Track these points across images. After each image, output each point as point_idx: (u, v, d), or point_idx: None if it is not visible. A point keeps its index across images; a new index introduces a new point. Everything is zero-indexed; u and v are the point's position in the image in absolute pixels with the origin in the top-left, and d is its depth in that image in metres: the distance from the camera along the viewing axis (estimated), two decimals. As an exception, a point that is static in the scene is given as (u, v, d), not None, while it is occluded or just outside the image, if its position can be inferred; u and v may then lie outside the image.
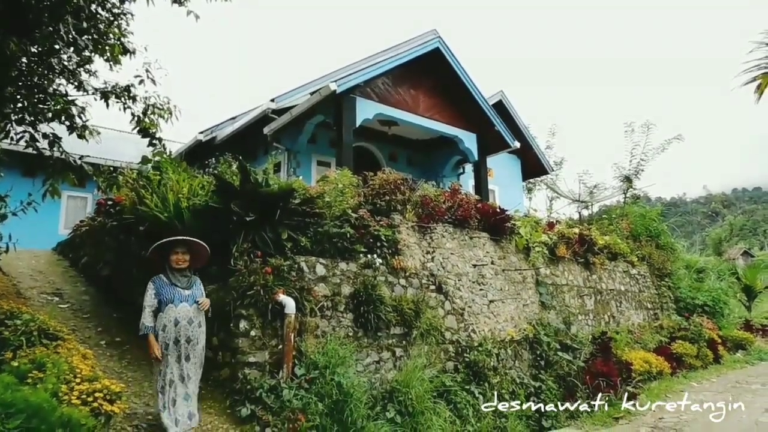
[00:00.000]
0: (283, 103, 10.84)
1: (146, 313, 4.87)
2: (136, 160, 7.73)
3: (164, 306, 4.90)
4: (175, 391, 4.80)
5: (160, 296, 4.93)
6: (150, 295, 4.93)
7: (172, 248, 5.15)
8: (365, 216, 7.61)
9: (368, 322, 6.87)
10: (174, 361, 4.84)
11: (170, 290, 4.97)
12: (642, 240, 15.94)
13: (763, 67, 7.46)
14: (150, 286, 4.98)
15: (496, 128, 13.63)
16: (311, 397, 5.64)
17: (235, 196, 6.39)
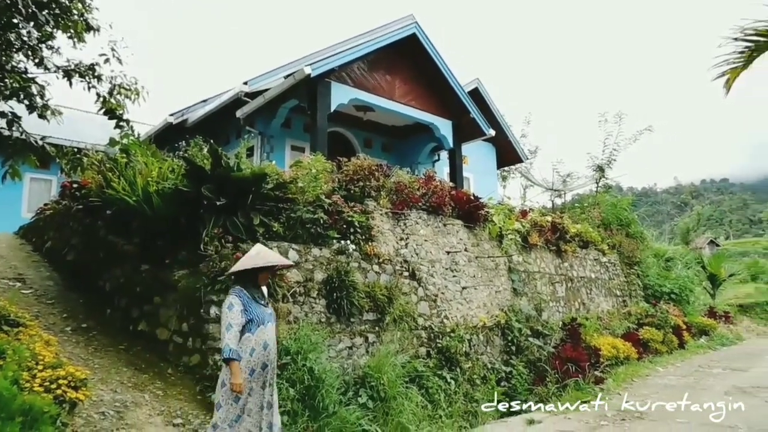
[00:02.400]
0: (256, 87, 10.65)
1: (233, 334, 4.08)
2: (103, 142, 7.54)
3: (255, 327, 4.21)
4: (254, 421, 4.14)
5: (250, 314, 4.22)
6: (237, 312, 4.15)
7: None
8: (339, 202, 7.55)
9: (341, 308, 6.85)
10: (259, 388, 4.19)
11: (257, 308, 4.28)
12: (613, 229, 16.19)
13: (732, 62, 7.53)
14: (234, 300, 4.21)
15: (471, 116, 13.61)
16: (283, 382, 5.59)
17: (206, 181, 6.26)
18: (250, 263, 4.39)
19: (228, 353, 3.98)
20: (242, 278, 4.40)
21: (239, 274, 4.40)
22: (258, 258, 4.45)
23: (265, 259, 4.49)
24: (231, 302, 4.19)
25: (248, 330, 4.17)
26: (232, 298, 4.21)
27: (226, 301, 4.23)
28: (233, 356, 3.99)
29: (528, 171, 22.60)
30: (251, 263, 4.39)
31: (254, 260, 4.42)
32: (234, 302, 4.18)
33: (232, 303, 4.18)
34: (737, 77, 7.68)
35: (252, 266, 4.37)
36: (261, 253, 4.58)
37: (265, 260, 4.48)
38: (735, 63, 7.55)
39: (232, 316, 4.13)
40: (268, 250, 4.84)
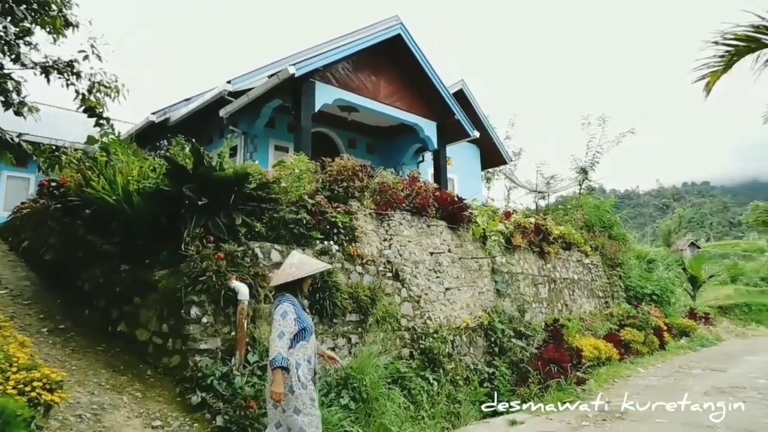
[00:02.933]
0: (240, 86, 10.57)
1: (285, 342, 4.03)
2: (83, 140, 7.42)
3: (308, 334, 4.24)
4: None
5: (303, 323, 4.21)
6: (291, 320, 4.11)
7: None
8: (322, 202, 7.51)
9: (324, 309, 6.81)
10: (310, 404, 4.14)
11: (306, 316, 4.33)
12: (596, 230, 16.31)
13: (712, 65, 7.62)
14: (289, 308, 4.16)
15: (456, 117, 13.64)
16: (264, 384, 5.53)
17: (187, 180, 6.20)
18: (298, 273, 4.37)
19: (281, 361, 3.95)
20: (288, 287, 4.36)
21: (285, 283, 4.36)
22: (303, 267, 4.44)
23: (311, 268, 4.51)
24: (285, 310, 4.15)
25: (302, 338, 4.18)
26: (287, 306, 4.18)
27: (279, 308, 4.18)
28: (284, 364, 3.97)
29: (512, 173, 22.73)
30: (299, 273, 4.37)
31: (300, 269, 4.40)
32: (288, 310, 4.15)
33: (286, 311, 4.15)
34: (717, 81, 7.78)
35: (301, 276, 4.36)
36: (304, 261, 4.58)
37: (311, 268, 4.52)
38: (715, 67, 7.64)
39: (286, 324, 4.09)
40: (308, 258, 4.88)
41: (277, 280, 4.41)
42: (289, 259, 4.56)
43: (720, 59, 7.49)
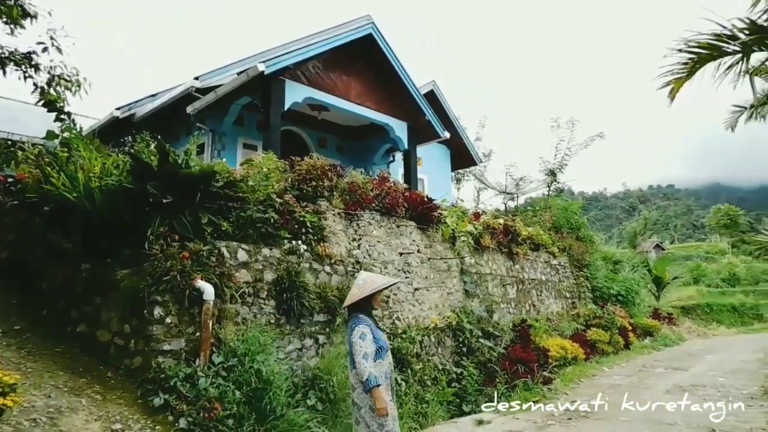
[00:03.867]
0: (207, 82, 10.39)
1: (371, 363, 4.23)
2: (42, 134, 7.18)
3: (384, 352, 4.44)
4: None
5: (379, 341, 4.40)
6: (369, 340, 4.31)
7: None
8: (291, 201, 7.43)
9: (291, 309, 6.76)
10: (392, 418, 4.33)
11: (381, 334, 4.51)
12: (563, 232, 16.54)
13: (676, 72, 7.77)
14: (365, 329, 4.35)
15: (426, 117, 13.67)
16: (229, 385, 5.48)
17: (152, 177, 6.05)
18: (362, 293, 4.53)
19: (374, 381, 4.14)
20: (359, 307, 4.54)
21: (356, 303, 4.54)
22: (367, 286, 4.59)
23: (375, 285, 4.64)
24: (363, 332, 4.33)
25: (379, 356, 4.36)
26: (363, 327, 4.35)
27: (356, 331, 4.34)
28: (379, 382, 4.18)
29: (482, 174, 22.93)
30: (364, 292, 4.53)
31: (364, 289, 4.56)
32: (365, 332, 4.33)
33: (364, 333, 4.32)
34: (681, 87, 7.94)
35: (368, 293, 4.53)
36: (368, 279, 4.73)
37: (375, 285, 4.64)
38: (679, 73, 7.80)
39: (366, 345, 4.27)
40: (373, 275, 5.11)
41: (349, 301, 4.59)
42: (357, 278, 4.75)
43: (683, 66, 7.65)
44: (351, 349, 4.37)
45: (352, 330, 4.39)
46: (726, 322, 27.70)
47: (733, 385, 9.48)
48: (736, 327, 27.21)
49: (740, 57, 7.36)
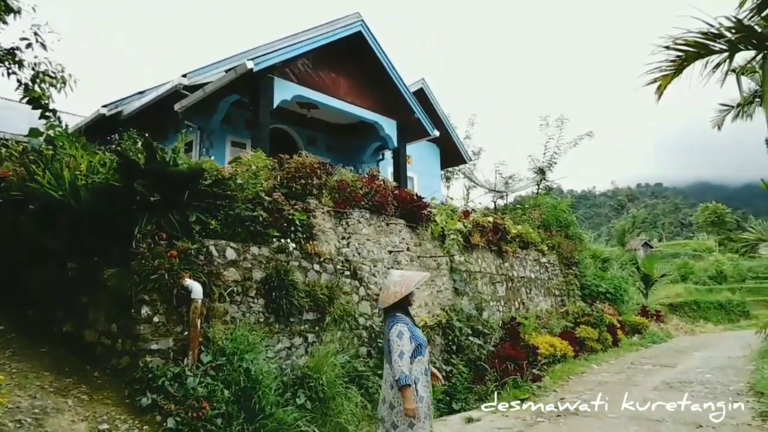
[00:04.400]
0: (196, 79, 10.31)
1: (406, 361, 4.21)
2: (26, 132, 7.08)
3: (423, 349, 4.44)
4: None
5: (417, 339, 4.40)
6: (407, 339, 4.30)
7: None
8: (279, 199, 7.40)
9: (280, 308, 6.73)
10: (424, 416, 4.32)
11: (418, 331, 4.51)
12: (552, 230, 16.60)
13: (664, 69, 7.81)
14: (403, 328, 4.35)
15: (416, 116, 13.66)
16: (218, 384, 5.45)
17: (139, 175, 5.99)
18: (404, 290, 4.51)
19: (405, 380, 4.13)
20: (396, 306, 4.50)
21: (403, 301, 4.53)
22: (407, 282, 4.57)
23: (413, 282, 4.64)
24: (401, 330, 4.32)
25: (419, 353, 4.36)
26: (401, 326, 4.34)
27: (393, 329, 4.33)
28: (409, 382, 4.16)
29: (471, 172, 22.93)
30: (405, 290, 4.51)
31: (405, 286, 4.53)
32: (403, 330, 4.32)
33: (401, 331, 4.32)
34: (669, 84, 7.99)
35: (407, 293, 4.52)
36: (404, 277, 4.71)
37: (414, 282, 4.64)
38: (666, 71, 7.84)
39: (403, 343, 4.26)
40: (407, 272, 5.15)
41: (386, 302, 4.53)
42: (391, 278, 4.69)
43: (671, 63, 7.69)
44: (388, 347, 4.37)
45: (390, 328, 4.39)
46: (713, 319, 27.97)
47: (720, 382, 9.56)
48: (723, 324, 27.49)
49: (727, 56, 7.42)
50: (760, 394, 8.06)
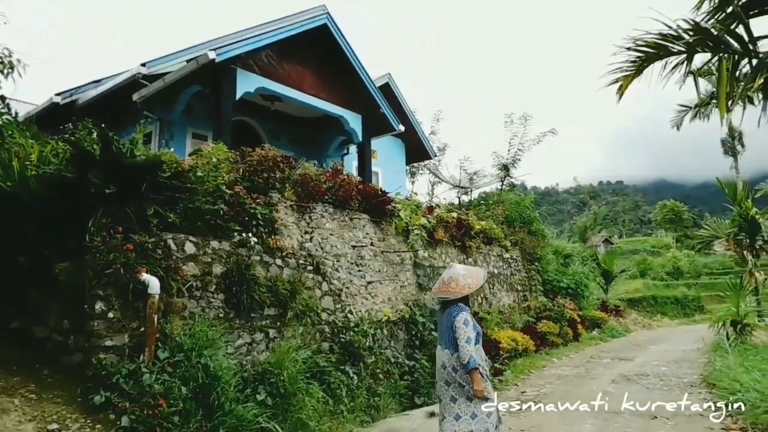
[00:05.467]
0: (155, 69, 10.02)
1: (473, 347, 4.53)
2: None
3: (480, 338, 4.73)
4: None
5: (476, 328, 4.68)
6: (471, 326, 4.60)
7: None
8: (241, 193, 7.28)
9: (241, 303, 6.62)
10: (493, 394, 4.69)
11: (476, 322, 4.76)
12: (516, 226, 16.79)
13: (625, 69, 7.91)
14: (468, 317, 4.65)
15: (381, 110, 13.61)
16: (175, 381, 5.33)
17: (94, 166, 5.80)
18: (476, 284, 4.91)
19: (473, 363, 4.45)
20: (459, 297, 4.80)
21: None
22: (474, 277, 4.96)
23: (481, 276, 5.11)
24: (467, 318, 4.62)
25: (477, 342, 4.61)
26: (467, 315, 4.65)
27: (459, 317, 4.61)
28: (477, 366, 4.47)
29: (436, 168, 23.02)
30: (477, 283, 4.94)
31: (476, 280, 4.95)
32: (468, 318, 4.63)
33: (467, 319, 4.62)
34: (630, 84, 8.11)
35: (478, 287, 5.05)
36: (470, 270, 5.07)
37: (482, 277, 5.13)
38: (627, 71, 7.96)
39: (469, 330, 4.56)
40: (471, 267, 5.55)
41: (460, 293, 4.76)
42: (455, 270, 4.93)
43: (632, 64, 7.81)
44: (454, 333, 4.59)
45: (455, 317, 4.62)
46: (670, 313, 28.70)
47: (675, 374, 9.82)
48: (679, 318, 28.25)
49: (685, 57, 7.56)
50: (712, 386, 8.30)
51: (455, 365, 4.64)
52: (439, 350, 4.86)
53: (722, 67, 7.05)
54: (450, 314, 4.72)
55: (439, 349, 4.87)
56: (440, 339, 4.90)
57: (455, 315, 4.65)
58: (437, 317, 5.22)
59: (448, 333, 4.70)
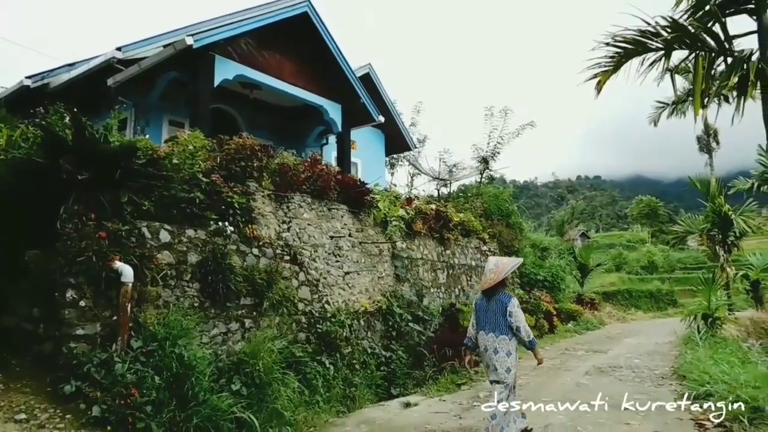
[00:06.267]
0: (131, 54, 9.79)
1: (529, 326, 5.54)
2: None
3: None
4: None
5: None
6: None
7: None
8: (218, 181, 7.18)
9: (216, 293, 6.57)
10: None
11: None
12: (494, 219, 16.87)
13: (603, 65, 7.96)
14: (518, 303, 5.54)
15: (361, 101, 13.53)
16: (148, 370, 5.27)
17: (66, 152, 5.67)
18: (509, 268, 5.71)
19: (535, 342, 5.57)
20: (501, 285, 5.59)
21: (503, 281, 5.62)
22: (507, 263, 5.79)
23: (512, 264, 5.91)
24: (517, 304, 5.50)
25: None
26: (516, 301, 5.52)
27: (514, 301, 5.46)
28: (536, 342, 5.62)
29: (416, 159, 22.98)
30: (509, 267, 5.72)
31: (506, 266, 5.71)
32: (518, 304, 5.51)
33: (518, 304, 5.50)
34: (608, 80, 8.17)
35: (511, 270, 5.83)
36: (502, 260, 6.06)
37: (514, 264, 5.97)
38: (606, 66, 8.01)
39: (522, 314, 5.48)
40: (503, 258, 6.67)
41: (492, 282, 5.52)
42: (489, 264, 5.76)
43: (611, 60, 7.87)
44: (509, 317, 5.35)
45: (506, 303, 5.40)
46: (643, 307, 29.22)
47: (647, 366, 9.99)
48: (653, 312, 28.78)
49: (663, 54, 7.63)
50: (682, 378, 8.45)
51: (497, 347, 5.36)
52: (482, 335, 5.52)
53: (698, 65, 7.14)
54: (500, 301, 5.44)
55: (482, 334, 5.53)
56: (483, 324, 5.54)
57: (507, 301, 5.43)
58: (477, 306, 5.74)
59: (496, 317, 5.42)
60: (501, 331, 5.36)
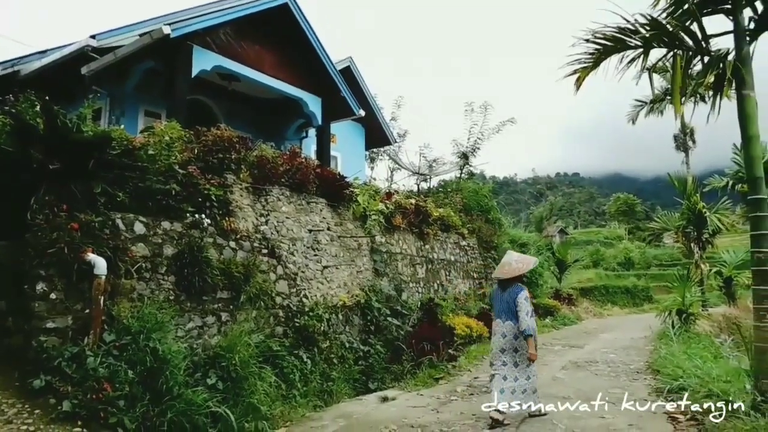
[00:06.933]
0: (106, 42, 9.57)
1: (532, 318, 5.91)
2: None
3: (533, 312, 6.07)
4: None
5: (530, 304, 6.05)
6: (530, 302, 6.06)
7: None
8: (195, 173, 7.07)
9: (192, 286, 6.48)
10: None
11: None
12: (473, 214, 16.92)
13: (583, 62, 7.98)
14: (528, 293, 6.10)
15: (342, 94, 13.45)
16: (121, 364, 5.17)
17: (37, 141, 5.54)
18: (525, 268, 6.26)
19: (530, 331, 5.84)
20: (518, 278, 6.20)
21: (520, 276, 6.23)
22: (525, 262, 6.36)
23: (531, 262, 6.50)
24: (527, 295, 6.04)
25: (532, 315, 5.95)
26: (526, 293, 6.05)
27: (522, 294, 6.01)
28: (532, 333, 5.87)
29: (396, 154, 22.92)
30: (526, 268, 6.28)
31: (525, 264, 6.31)
32: (528, 296, 6.04)
33: (527, 296, 6.03)
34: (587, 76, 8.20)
35: (527, 270, 6.33)
36: (523, 258, 6.54)
37: (532, 263, 6.50)
38: (585, 63, 8.04)
39: (529, 305, 5.95)
40: (522, 255, 6.84)
41: (512, 273, 6.17)
42: (511, 257, 6.40)
43: (590, 56, 7.89)
44: (516, 306, 5.92)
45: (517, 294, 5.99)
46: (620, 303, 29.58)
47: (623, 361, 10.11)
48: (629, 308, 29.15)
49: (641, 52, 7.67)
50: (657, 372, 8.56)
51: (516, 333, 5.96)
52: (499, 323, 6.16)
53: (677, 63, 7.18)
54: (513, 292, 6.03)
55: (498, 322, 6.17)
56: (499, 313, 6.18)
57: (518, 292, 6.00)
58: (494, 296, 6.49)
59: (509, 307, 6.02)
60: (516, 319, 5.96)
